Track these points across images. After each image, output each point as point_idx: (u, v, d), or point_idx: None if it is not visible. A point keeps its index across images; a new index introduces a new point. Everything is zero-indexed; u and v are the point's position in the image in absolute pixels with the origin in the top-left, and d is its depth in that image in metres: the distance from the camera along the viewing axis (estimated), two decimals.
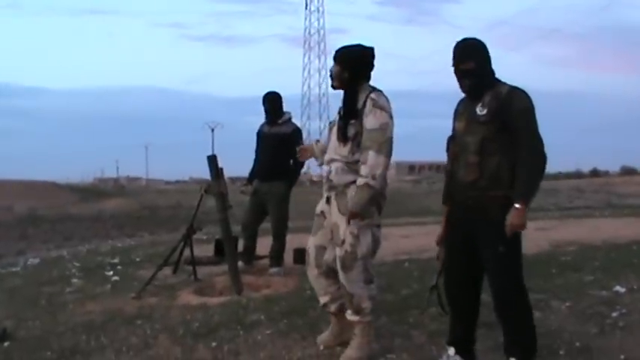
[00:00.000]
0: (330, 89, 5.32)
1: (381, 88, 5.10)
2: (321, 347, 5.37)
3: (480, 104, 4.42)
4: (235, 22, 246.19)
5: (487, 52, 4.51)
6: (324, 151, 5.48)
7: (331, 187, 5.16)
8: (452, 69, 4.53)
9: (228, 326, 6.08)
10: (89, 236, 27.63)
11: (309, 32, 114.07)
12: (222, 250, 8.46)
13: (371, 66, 5.24)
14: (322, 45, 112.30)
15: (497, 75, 4.53)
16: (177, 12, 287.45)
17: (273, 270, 8.56)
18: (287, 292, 7.26)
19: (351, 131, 5.04)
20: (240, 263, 8.52)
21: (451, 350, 4.76)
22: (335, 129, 5.23)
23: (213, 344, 5.63)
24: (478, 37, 4.52)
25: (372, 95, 5.03)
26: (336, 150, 5.14)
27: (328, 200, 5.23)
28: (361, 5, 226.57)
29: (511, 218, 4.25)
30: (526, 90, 4.45)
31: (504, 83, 4.47)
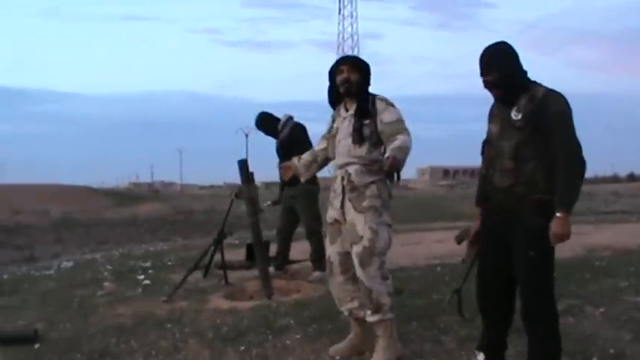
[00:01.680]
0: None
1: (416, 93, 5.16)
2: (337, 358, 5.35)
3: (515, 108, 4.33)
4: (269, 27, 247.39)
5: (514, 57, 4.39)
6: (308, 166, 5.71)
7: (353, 189, 5.18)
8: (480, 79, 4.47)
9: (257, 330, 6.08)
10: (123, 240, 27.92)
11: (343, 37, 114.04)
12: (254, 255, 8.44)
13: None
14: (355, 50, 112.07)
15: (533, 77, 4.42)
16: (211, 18, 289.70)
17: (316, 275, 8.48)
18: (317, 297, 7.23)
19: (366, 131, 5.17)
20: (271, 268, 8.53)
21: (480, 356, 4.70)
22: (342, 134, 5.34)
23: (242, 348, 5.64)
24: (511, 40, 4.42)
25: (379, 97, 5.30)
26: (351, 152, 5.22)
27: (342, 205, 5.25)
28: (396, 10, 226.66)
29: (554, 228, 4.13)
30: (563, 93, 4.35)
31: (540, 85, 4.36)
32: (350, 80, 5.30)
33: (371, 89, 5.37)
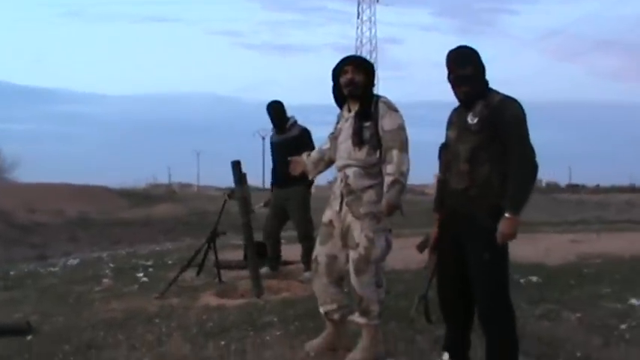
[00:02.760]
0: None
1: (434, 98, 5.27)
2: (312, 354, 5.49)
3: (471, 113, 4.47)
4: (289, 30, 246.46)
5: (482, 60, 4.57)
6: (316, 164, 5.77)
7: (349, 192, 5.26)
8: (448, 78, 4.60)
9: (240, 327, 6.28)
10: (136, 240, 28.12)
11: (361, 42, 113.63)
12: (259, 254, 8.59)
13: None
14: (374, 54, 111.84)
15: (554, 85, 4.59)
16: (232, 20, 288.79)
17: (306, 275, 8.66)
18: (305, 297, 7.39)
19: (366, 134, 5.20)
20: (265, 269, 8.73)
21: (445, 355, 4.83)
22: (343, 136, 5.39)
23: (222, 343, 5.83)
24: (532, 47, 4.59)
25: (383, 99, 5.28)
26: (351, 155, 5.28)
27: (340, 207, 5.33)
28: (416, 16, 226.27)
29: (502, 227, 4.29)
30: (519, 100, 4.49)
31: (497, 92, 4.51)
32: (354, 81, 5.31)
33: (388, 93, 5.39)
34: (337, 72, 5.41)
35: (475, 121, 4.45)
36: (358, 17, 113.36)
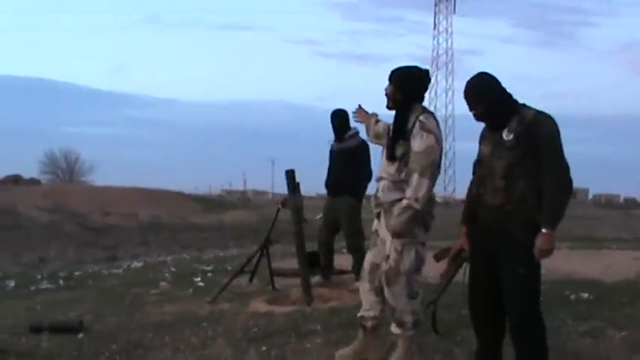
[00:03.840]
0: (457, 110, 5.39)
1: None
2: None
3: (506, 129, 4.51)
4: (368, 40, 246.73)
5: (495, 86, 4.60)
6: (377, 136, 5.75)
7: (378, 205, 5.35)
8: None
9: (284, 333, 6.36)
10: (206, 246, 28.39)
11: (437, 53, 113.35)
12: (311, 263, 8.72)
13: (425, 88, 5.40)
14: (450, 66, 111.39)
15: (634, 98, 4.55)
16: (311, 29, 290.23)
17: (357, 284, 8.70)
18: (352, 306, 7.42)
19: (399, 151, 5.21)
20: (317, 278, 8.80)
21: None
22: (385, 147, 5.42)
23: (264, 349, 5.95)
24: (611, 60, 4.59)
25: (421, 117, 5.15)
26: (385, 168, 5.32)
27: (379, 217, 5.41)
28: (495, 27, 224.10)
29: (539, 243, 4.34)
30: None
31: (530, 108, 4.56)
32: (386, 93, 5.32)
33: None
34: None
35: (510, 137, 4.49)
36: (435, 28, 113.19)
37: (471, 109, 4.65)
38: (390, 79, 5.33)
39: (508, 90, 4.63)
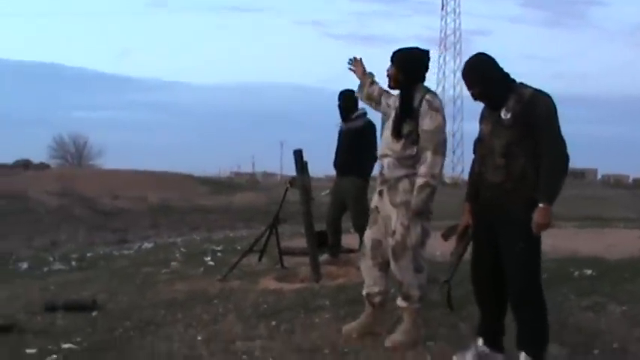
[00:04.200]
0: (465, 91, 5.42)
1: None
2: (354, 335, 5.66)
3: (504, 108, 4.63)
4: (375, 21, 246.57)
5: (492, 67, 4.73)
6: (369, 97, 5.91)
7: (384, 181, 5.46)
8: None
9: (293, 309, 6.53)
10: (215, 227, 28.51)
11: (445, 33, 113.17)
12: (320, 242, 8.87)
13: (426, 68, 5.51)
14: (458, 46, 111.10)
15: (634, 78, 4.67)
16: (318, 10, 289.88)
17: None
18: (359, 282, 7.49)
19: (405, 129, 5.32)
20: (325, 256, 8.93)
21: (480, 341, 4.98)
22: (387, 126, 5.53)
23: (273, 323, 6.09)
24: (621, 40, 4.69)
25: (428, 97, 5.30)
26: (389, 145, 5.43)
27: (381, 194, 5.53)
28: (504, 7, 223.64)
29: (536, 217, 4.46)
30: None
31: (527, 86, 4.67)
32: (388, 74, 5.47)
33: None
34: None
35: (508, 116, 4.61)
36: (442, 8, 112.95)
37: (468, 89, 4.78)
38: (392, 60, 5.47)
39: (513, 70, 4.75)
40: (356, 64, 6.06)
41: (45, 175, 50.02)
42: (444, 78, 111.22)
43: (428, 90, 5.41)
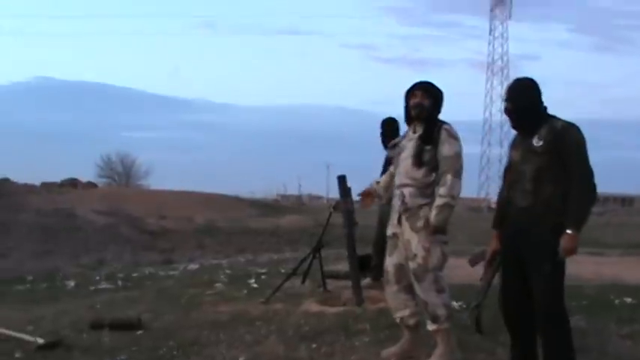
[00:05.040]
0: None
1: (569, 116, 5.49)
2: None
3: (536, 136, 4.82)
4: (424, 45, 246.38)
5: (534, 92, 4.95)
6: (387, 188, 6.15)
7: (406, 210, 5.63)
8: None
9: (334, 332, 6.61)
10: (261, 249, 28.69)
11: (493, 58, 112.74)
12: (363, 266, 8.94)
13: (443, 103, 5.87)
14: (505, 71, 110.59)
15: None
16: (367, 34, 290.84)
17: None
18: None
19: (426, 156, 5.57)
20: (368, 280, 9.01)
21: None
22: (405, 154, 5.75)
23: (314, 346, 6.19)
24: None
25: (446, 126, 5.62)
26: (409, 174, 5.65)
27: (399, 221, 5.70)
28: (552, 32, 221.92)
29: (564, 243, 4.61)
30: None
31: (559, 119, 4.88)
32: (422, 105, 5.69)
33: None
34: (408, 94, 5.78)
35: (540, 143, 4.80)
36: (490, 33, 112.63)
37: (506, 100, 4.99)
38: (426, 92, 5.76)
39: (561, 95, 5.08)
40: (364, 203, 6.55)
41: (92, 194, 50.69)
42: (491, 103, 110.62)
43: (443, 121, 5.72)
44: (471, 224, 34.16)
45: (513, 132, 5.19)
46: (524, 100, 4.90)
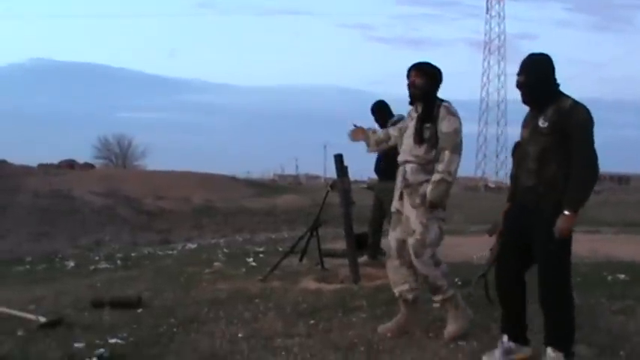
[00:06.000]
0: (509, 95, 5.79)
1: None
2: (389, 335, 5.84)
3: (542, 117, 4.82)
4: (422, 24, 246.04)
5: (548, 69, 4.91)
6: (378, 142, 6.26)
7: (407, 185, 5.76)
8: None
9: (331, 308, 6.72)
10: (258, 229, 28.77)
11: (489, 37, 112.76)
12: (360, 244, 9.07)
13: (441, 82, 5.95)
14: (502, 50, 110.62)
15: None
16: (364, 13, 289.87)
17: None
18: None
19: (426, 134, 5.70)
20: (365, 258, 9.12)
21: (504, 337, 5.13)
22: (408, 134, 5.87)
23: (312, 322, 6.28)
24: None
25: (445, 104, 5.75)
26: (411, 151, 5.78)
27: (401, 197, 5.84)
28: (550, 11, 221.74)
29: (559, 223, 4.65)
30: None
31: (568, 97, 4.84)
32: (415, 84, 5.82)
33: None
34: (408, 76, 5.88)
35: (546, 124, 4.80)
36: (487, 12, 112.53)
37: (519, 74, 4.95)
38: (419, 72, 5.85)
39: (558, 74, 4.94)
40: (354, 132, 6.39)
41: (89, 175, 50.54)
42: (488, 82, 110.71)
43: (442, 99, 5.83)
44: (468, 203, 34.32)
45: (510, 111, 5.23)
46: (536, 75, 4.87)
